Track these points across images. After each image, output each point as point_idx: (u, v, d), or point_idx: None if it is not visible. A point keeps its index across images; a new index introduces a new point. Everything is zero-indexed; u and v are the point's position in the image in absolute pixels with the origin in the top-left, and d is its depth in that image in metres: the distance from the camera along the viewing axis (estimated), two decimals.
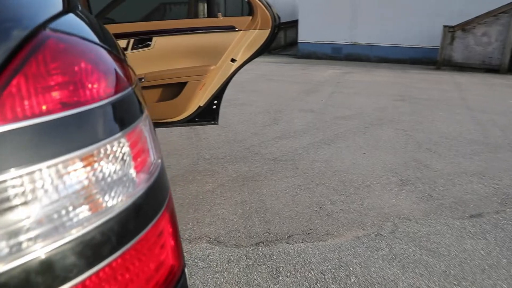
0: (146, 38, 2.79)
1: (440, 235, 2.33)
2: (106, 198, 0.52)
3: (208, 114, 3.10)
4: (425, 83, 7.27)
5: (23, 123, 0.45)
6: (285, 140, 4.06)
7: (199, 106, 3.03)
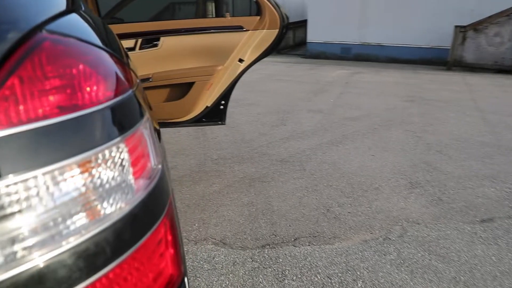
0: (153, 38, 2.78)
1: (450, 240, 2.28)
2: (103, 206, 0.50)
3: (215, 115, 3.09)
4: (435, 84, 7.18)
5: (18, 129, 0.43)
6: (292, 141, 4.03)
7: (206, 106, 3.02)
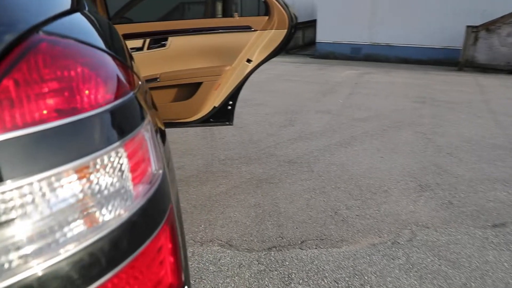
0: (161, 38, 2.78)
1: (460, 245, 2.24)
2: (101, 213, 0.49)
3: (223, 115, 3.08)
4: (446, 85, 7.08)
5: (13, 134, 0.42)
6: (300, 142, 4.00)
7: (214, 106, 3.00)
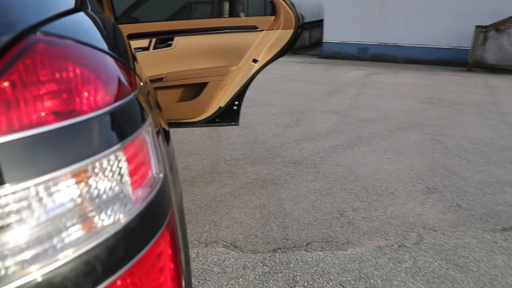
0: (167, 38, 2.77)
1: (468, 249, 2.20)
2: (100, 218, 0.47)
3: (228, 115, 3.06)
4: (454, 86, 7.00)
5: (10, 136, 0.40)
6: (306, 142, 3.98)
7: (220, 106, 2.99)
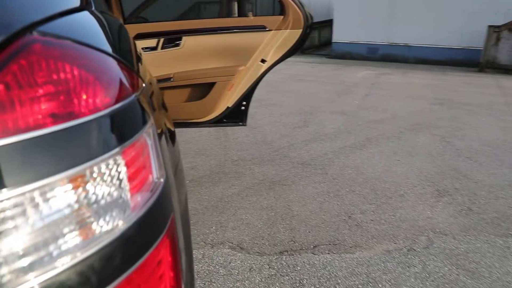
0: (175, 37, 2.77)
1: (480, 254, 2.15)
2: (97, 224, 0.46)
3: (236, 115, 3.05)
4: (466, 86, 6.89)
5: (5, 140, 0.39)
6: (315, 143, 3.94)
7: (227, 107, 2.98)
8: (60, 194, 0.43)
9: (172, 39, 2.77)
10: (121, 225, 0.47)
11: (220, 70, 2.84)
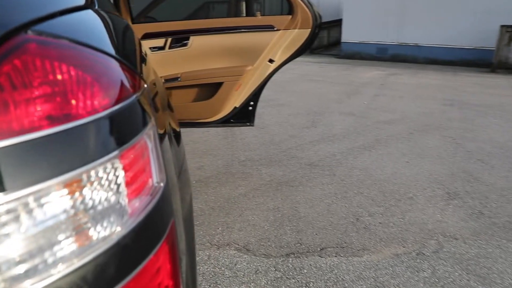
0: (183, 37, 2.76)
1: (491, 259, 2.10)
2: (94, 230, 0.44)
3: (243, 116, 3.03)
4: (477, 87, 6.79)
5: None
6: (323, 144, 3.91)
7: (235, 107, 2.96)
8: (55, 199, 0.41)
9: (179, 39, 2.76)
10: (118, 231, 0.46)
11: (227, 70, 2.82)
